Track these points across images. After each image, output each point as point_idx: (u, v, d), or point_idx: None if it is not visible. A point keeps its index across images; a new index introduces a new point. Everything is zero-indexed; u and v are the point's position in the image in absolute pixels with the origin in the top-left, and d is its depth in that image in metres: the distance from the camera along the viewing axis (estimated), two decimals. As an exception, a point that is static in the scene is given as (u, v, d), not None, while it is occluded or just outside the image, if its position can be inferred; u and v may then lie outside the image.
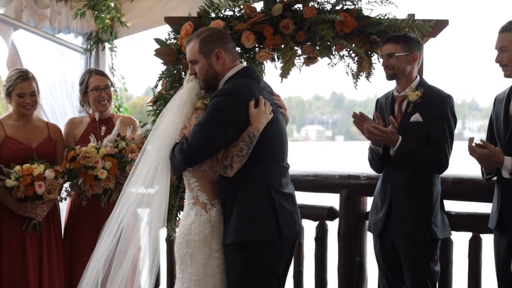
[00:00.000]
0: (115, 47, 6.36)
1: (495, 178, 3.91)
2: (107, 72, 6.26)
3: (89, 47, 6.38)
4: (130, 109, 6.78)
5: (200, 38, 3.63)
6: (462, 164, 4.19)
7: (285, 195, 3.59)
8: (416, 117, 3.99)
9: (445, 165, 3.98)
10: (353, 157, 22.70)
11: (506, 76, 3.83)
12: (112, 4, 5.88)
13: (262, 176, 3.53)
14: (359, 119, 4.10)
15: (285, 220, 3.52)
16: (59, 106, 6.16)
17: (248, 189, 3.50)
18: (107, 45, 6.35)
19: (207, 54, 3.61)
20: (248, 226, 3.47)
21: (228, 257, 3.53)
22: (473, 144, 3.75)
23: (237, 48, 4.00)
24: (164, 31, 4.82)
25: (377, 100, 4.33)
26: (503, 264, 3.81)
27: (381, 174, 4.21)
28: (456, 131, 4.05)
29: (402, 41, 4.05)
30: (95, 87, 4.71)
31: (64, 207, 4.80)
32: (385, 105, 4.19)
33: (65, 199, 4.55)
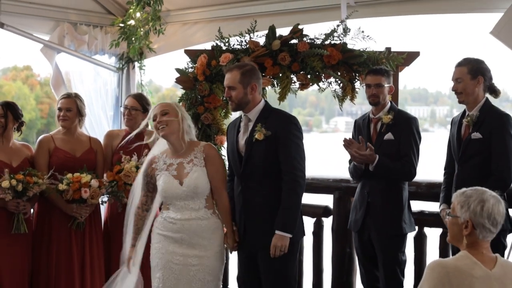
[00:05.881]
0: (144, 66, 7.19)
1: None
2: (136, 87, 7.19)
3: (121, 66, 7.25)
4: (159, 101, 7.55)
5: (241, 70, 4.42)
6: (434, 170, 4.98)
7: None
8: (388, 136, 4.83)
9: (413, 174, 4.83)
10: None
11: (460, 102, 4.68)
12: (142, 33, 6.74)
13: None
14: (348, 143, 4.86)
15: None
16: (96, 117, 7.07)
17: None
18: (136, 64, 7.19)
19: (245, 84, 4.40)
20: (299, 227, 4.49)
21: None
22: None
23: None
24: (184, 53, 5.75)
25: (355, 121, 5.16)
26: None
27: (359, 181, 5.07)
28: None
29: (386, 74, 4.88)
30: (124, 106, 5.61)
31: (102, 212, 5.67)
32: (362, 125, 5.02)
33: (103, 204, 5.45)
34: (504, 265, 3.10)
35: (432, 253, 5.45)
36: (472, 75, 4.58)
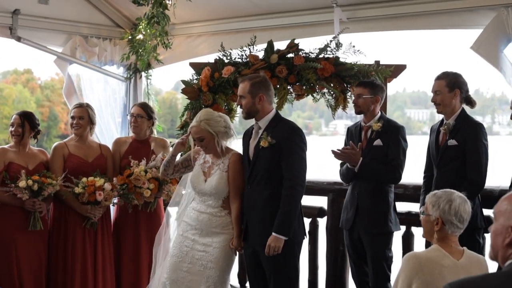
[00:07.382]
0: (150, 75, 7.58)
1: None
2: (143, 96, 7.60)
3: (129, 76, 7.65)
4: (160, 104, 7.90)
5: (251, 81, 4.81)
6: (421, 173, 5.34)
7: None
8: (378, 142, 5.22)
9: (398, 178, 5.21)
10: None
11: (438, 112, 5.10)
12: (151, 47, 7.09)
13: None
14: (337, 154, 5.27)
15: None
16: (105, 123, 7.50)
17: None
18: (143, 74, 7.57)
19: (253, 94, 4.78)
20: (300, 230, 4.88)
21: (287, 248, 4.71)
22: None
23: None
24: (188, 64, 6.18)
25: (348, 128, 5.56)
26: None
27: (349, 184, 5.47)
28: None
29: (369, 86, 5.25)
30: (131, 113, 6.05)
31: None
32: (354, 132, 5.42)
33: (113, 205, 5.87)
34: (470, 256, 3.57)
35: (419, 250, 5.76)
36: (450, 88, 4.98)
